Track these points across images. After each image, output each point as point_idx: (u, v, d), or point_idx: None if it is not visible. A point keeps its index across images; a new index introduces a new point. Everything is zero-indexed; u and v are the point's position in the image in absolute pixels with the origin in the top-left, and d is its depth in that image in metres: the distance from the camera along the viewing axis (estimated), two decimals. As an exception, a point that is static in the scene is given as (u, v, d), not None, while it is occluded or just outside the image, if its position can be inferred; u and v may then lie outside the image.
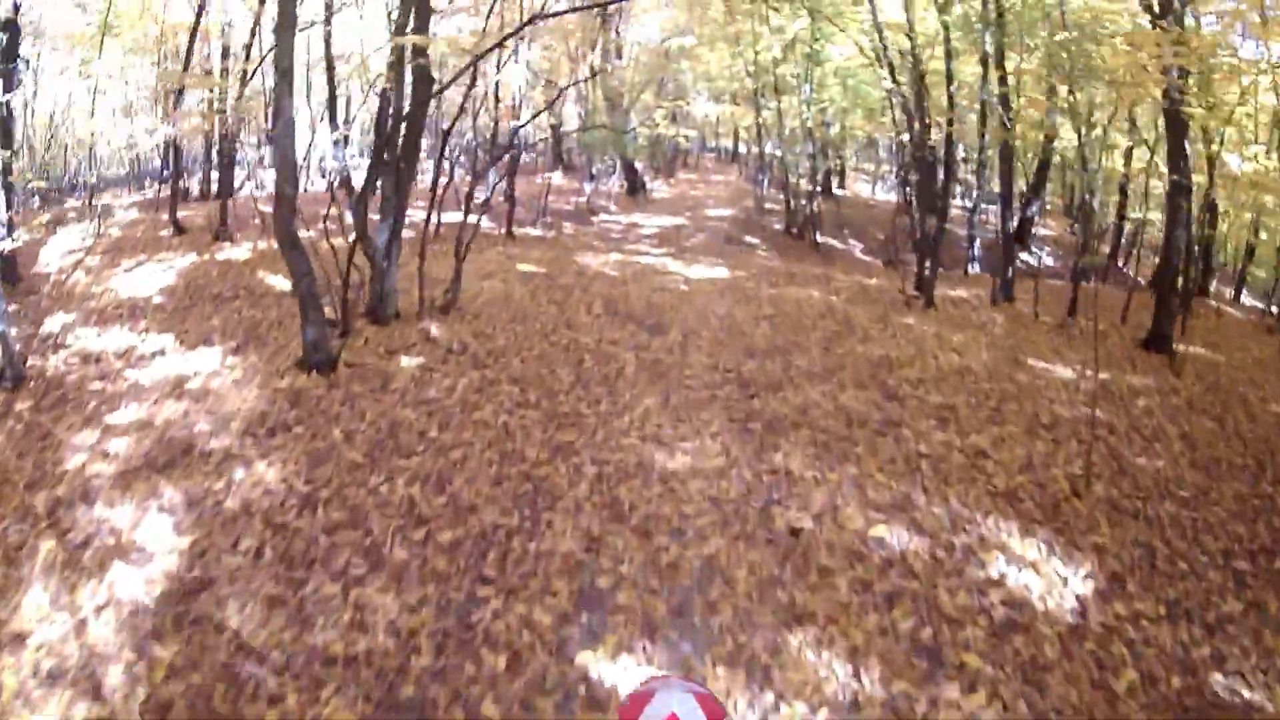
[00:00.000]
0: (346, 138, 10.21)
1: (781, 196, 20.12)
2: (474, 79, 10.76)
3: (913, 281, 12.33)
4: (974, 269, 15.67)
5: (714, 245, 15.15)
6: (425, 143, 15.58)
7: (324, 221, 9.09)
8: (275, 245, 8.18)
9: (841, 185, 24.33)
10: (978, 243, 16.03)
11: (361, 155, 20.38)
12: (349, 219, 8.94)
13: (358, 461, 5.97)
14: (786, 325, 9.40)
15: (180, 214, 13.99)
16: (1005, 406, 7.64)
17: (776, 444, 6.24)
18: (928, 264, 11.61)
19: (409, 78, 8.78)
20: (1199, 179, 15.74)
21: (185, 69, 14.30)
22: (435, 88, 9.14)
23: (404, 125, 8.87)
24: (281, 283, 9.72)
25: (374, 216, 8.78)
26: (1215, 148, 12.71)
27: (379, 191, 8.87)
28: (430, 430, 6.41)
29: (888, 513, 5.46)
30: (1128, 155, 15.81)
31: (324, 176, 20.14)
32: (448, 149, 11.33)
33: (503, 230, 14.72)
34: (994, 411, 7.46)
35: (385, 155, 8.98)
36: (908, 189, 20.55)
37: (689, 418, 6.66)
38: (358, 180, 10.14)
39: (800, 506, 5.42)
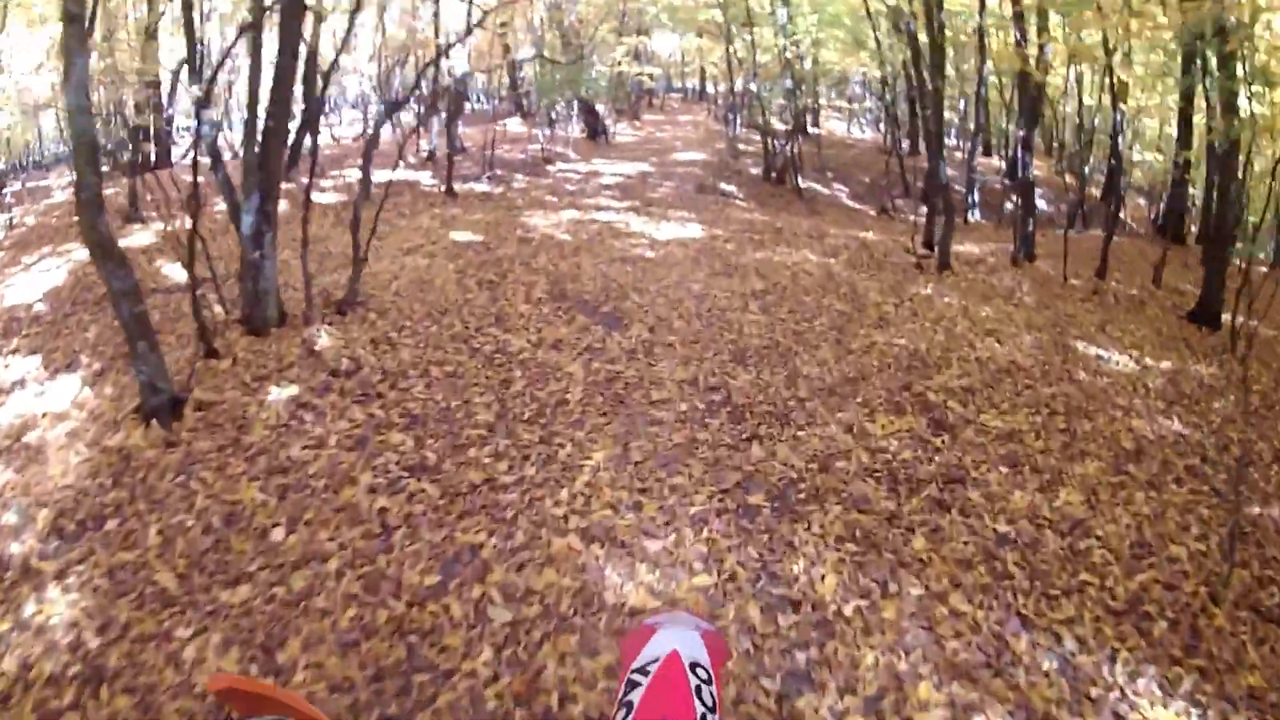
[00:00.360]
0: (208, 93, 7.34)
1: (755, 137, 17.45)
2: (358, 5, 8.03)
3: (920, 237, 9.88)
4: (974, 216, 13.23)
5: (684, 196, 12.52)
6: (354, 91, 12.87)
7: (187, 205, 6.39)
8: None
9: (815, 124, 21.59)
10: (977, 188, 13.54)
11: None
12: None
13: (169, 593, 3.56)
14: (783, 306, 6.92)
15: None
16: (1076, 426, 5.33)
17: (792, 540, 3.81)
18: (940, 218, 9.15)
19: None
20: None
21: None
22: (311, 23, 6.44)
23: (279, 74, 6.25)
24: (181, 273, 7.16)
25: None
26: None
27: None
28: (276, 528, 3.95)
29: (977, 680, 3.11)
30: (1119, 92, 13.33)
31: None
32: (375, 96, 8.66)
33: (442, 187, 12.02)
34: (1067, 438, 5.14)
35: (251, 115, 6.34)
36: (896, 128, 18.01)
37: (658, 487, 4.18)
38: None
39: (845, 683, 3.05)
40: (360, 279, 6.68)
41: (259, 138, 6.13)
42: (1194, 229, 14.72)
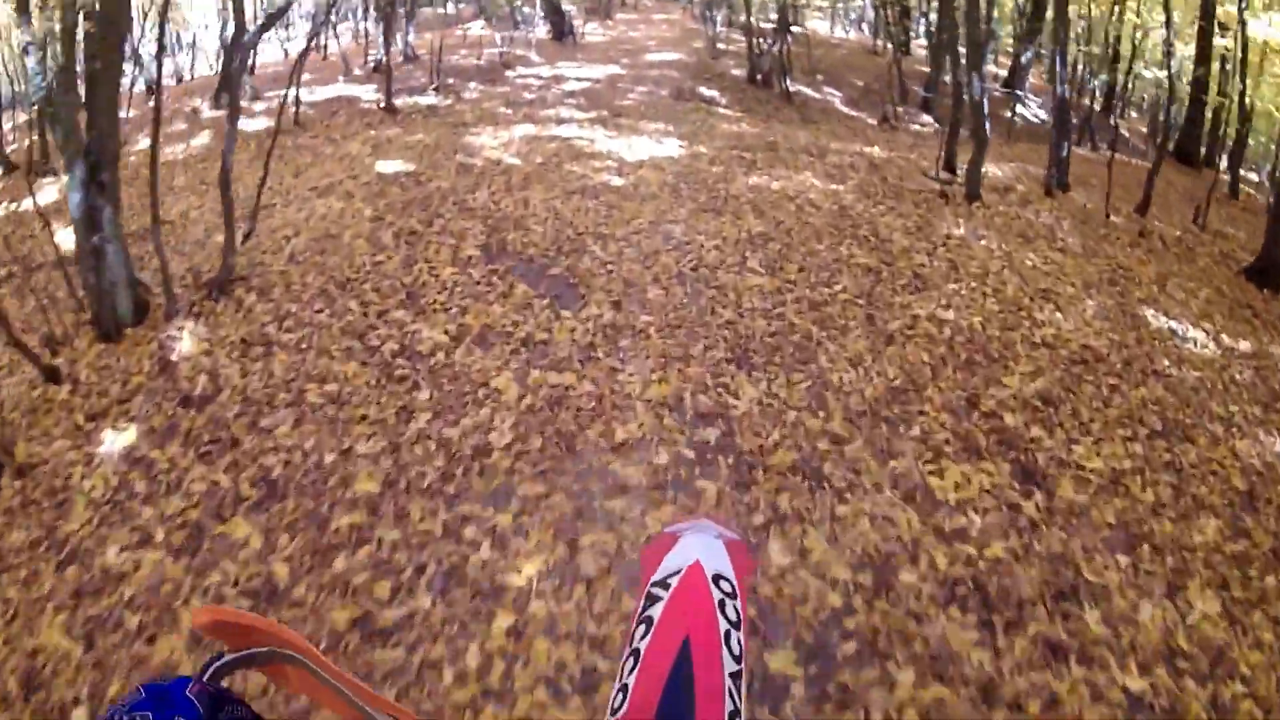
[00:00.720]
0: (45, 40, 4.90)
1: (737, 36, 14.95)
2: None
3: (940, 158, 7.80)
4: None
5: (660, 104, 10.20)
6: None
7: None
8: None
9: (797, 22, 18.87)
10: (986, 99, 11.28)
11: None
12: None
13: None
14: (791, 261, 4.88)
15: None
16: (1180, 455, 3.62)
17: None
18: (959, 136, 7.06)
19: None
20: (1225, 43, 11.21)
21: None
22: None
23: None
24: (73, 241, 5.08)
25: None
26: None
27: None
28: (77, 708, 2.15)
29: None
30: None
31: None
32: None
33: (380, 103, 9.64)
34: (1175, 478, 3.51)
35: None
36: (890, 29, 15.48)
37: (622, 637, 2.36)
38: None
39: None
40: (237, 248, 4.63)
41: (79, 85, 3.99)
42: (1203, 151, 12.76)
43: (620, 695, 0.74)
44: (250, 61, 12.37)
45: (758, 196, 6.02)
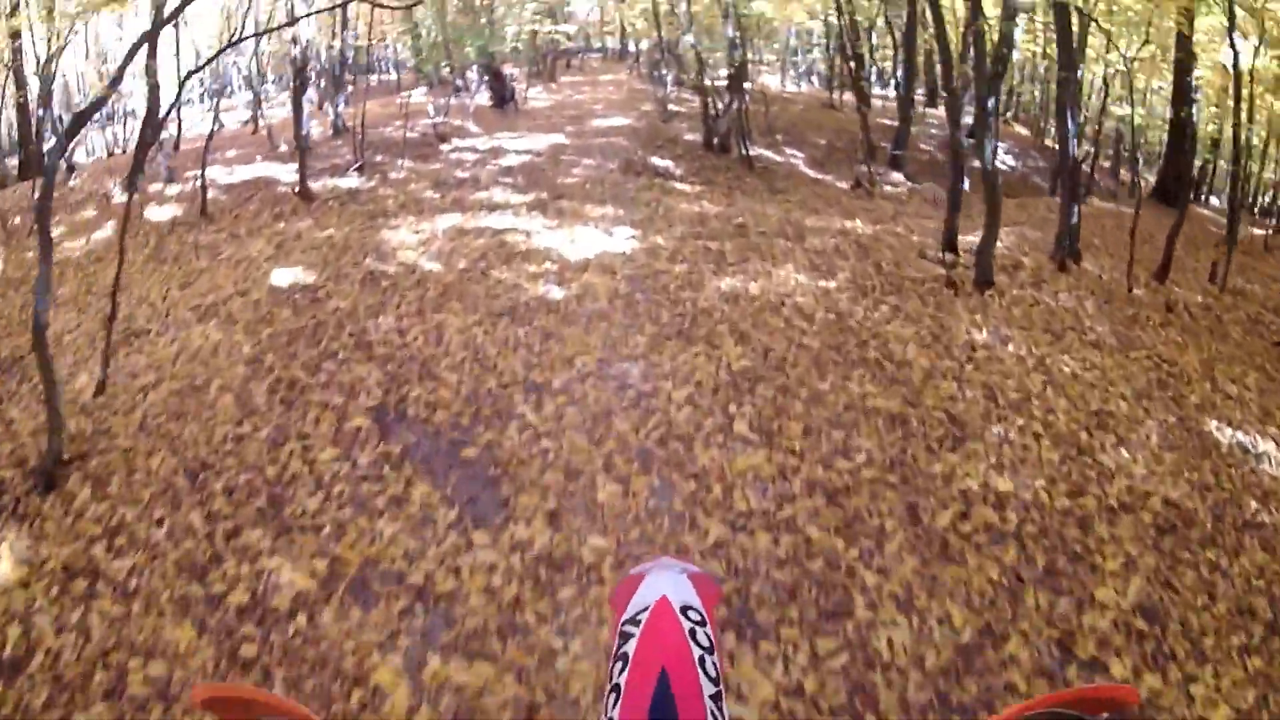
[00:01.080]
0: None
1: (688, 96, 13.97)
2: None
3: (940, 233, 6.70)
4: (962, 187, 10.04)
5: (608, 179, 9.00)
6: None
7: None
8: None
9: (748, 78, 18.02)
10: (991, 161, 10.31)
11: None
12: None
13: None
14: (791, 417, 3.59)
15: None
16: None
17: None
18: (958, 216, 5.95)
19: None
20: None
21: None
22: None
23: None
24: None
25: None
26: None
27: None
28: None
29: None
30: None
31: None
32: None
33: (295, 188, 8.33)
34: None
35: None
36: (853, 83, 14.61)
37: None
38: None
39: None
40: (64, 423, 3.26)
41: None
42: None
43: None
44: (175, 135, 10.95)
45: (734, 309, 4.77)
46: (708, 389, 3.74)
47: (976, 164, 10.23)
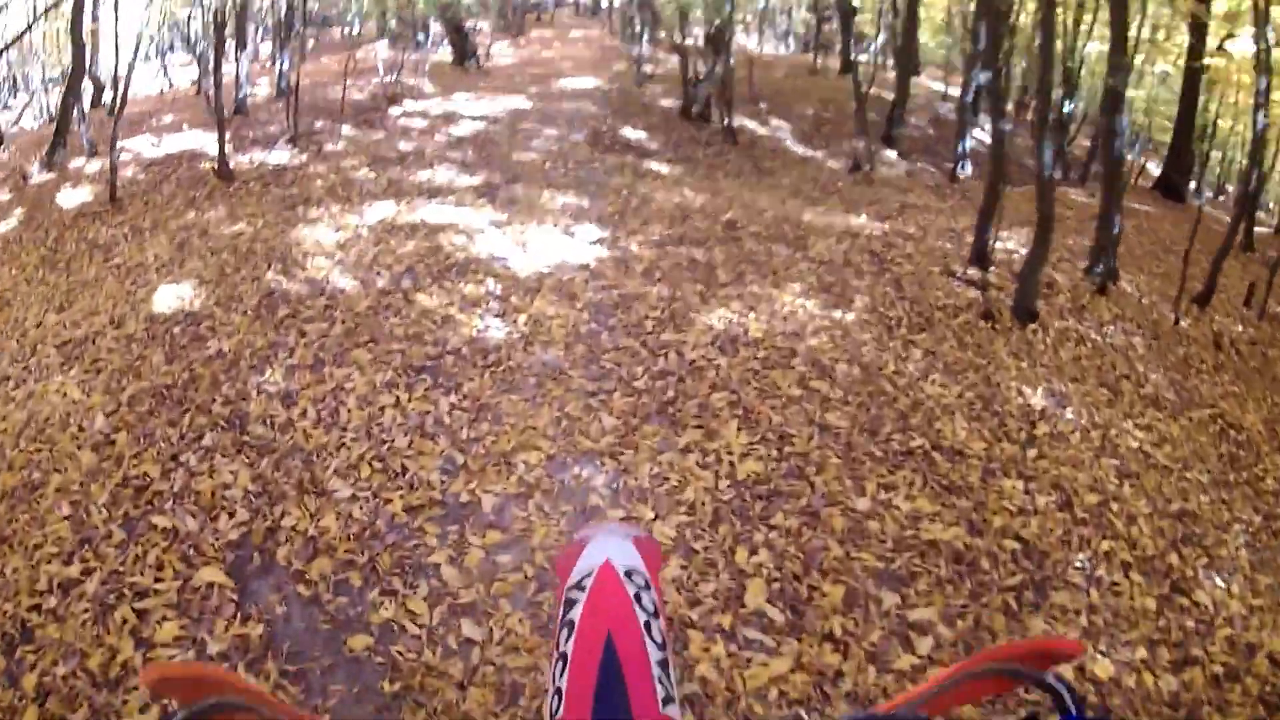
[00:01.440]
0: None
1: (664, 57, 12.58)
2: None
3: (957, 234, 5.59)
4: (964, 171, 8.92)
5: (573, 156, 7.67)
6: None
7: None
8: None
9: (731, 37, 16.54)
10: (969, 135, 9.18)
11: None
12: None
13: None
14: (826, 574, 2.51)
15: None
16: None
17: None
18: (990, 223, 4.84)
19: None
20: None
21: None
22: None
23: None
24: None
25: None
26: None
27: None
28: None
29: None
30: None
31: None
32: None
33: (215, 167, 6.90)
34: None
35: None
36: (851, 52, 13.27)
37: None
38: None
39: None
40: None
41: None
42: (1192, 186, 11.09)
43: (556, 699, 0.72)
44: (115, 100, 9.23)
45: (733, 364, 3.60)
46: (704, 519, 2.60)
47: (979, 149, 9.13)
